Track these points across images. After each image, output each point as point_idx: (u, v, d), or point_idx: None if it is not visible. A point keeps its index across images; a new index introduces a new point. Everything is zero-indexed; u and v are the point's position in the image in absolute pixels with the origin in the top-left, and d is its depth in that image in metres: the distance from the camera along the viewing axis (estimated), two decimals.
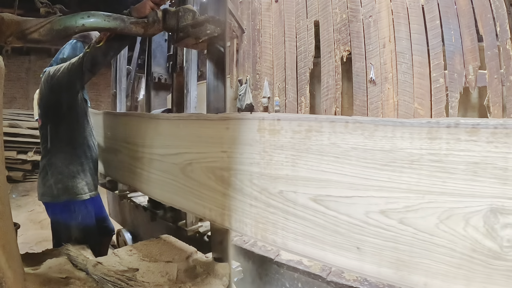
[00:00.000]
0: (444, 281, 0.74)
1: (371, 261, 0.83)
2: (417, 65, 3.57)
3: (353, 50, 4.06)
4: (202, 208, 1.26)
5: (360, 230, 0.83)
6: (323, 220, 0.88)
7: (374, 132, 0.79)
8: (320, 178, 0.87)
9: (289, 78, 4.73)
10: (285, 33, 4.77)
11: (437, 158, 0.72)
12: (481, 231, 0.69)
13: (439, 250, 0.74)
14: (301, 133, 0.91)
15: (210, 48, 1.40)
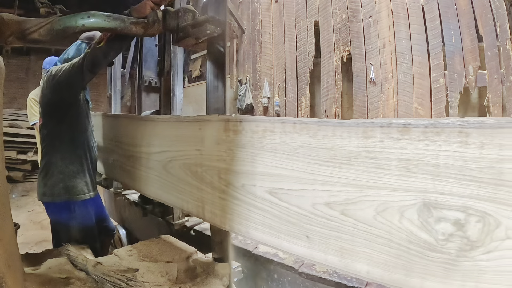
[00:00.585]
0: (385, 270, 0.78)
1: (319, 249, 0.90)
2: (417, 65, 3.57)
3: (353, 50, 4.05)
4: (181, 201, 1.38)
5: (309, 220, 0.90)
6: (277, 211, 0.97)
7: (317, 132, 0.87)
8: (274, 173, 0.97)
9: (289, 78, 4.73)
10: (285, 33, 4.77)
11: (372, 155, 0.78)
12: (416, 224, 0.74)
13: (378, 240, 0.79)
14: (259, 133, 1.01)
15: (210, 48, 1.40)
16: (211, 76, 1.39)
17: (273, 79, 4.98)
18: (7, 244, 0.89)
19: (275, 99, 4.92)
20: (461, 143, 0.67)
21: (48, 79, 1.76)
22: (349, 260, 0.85)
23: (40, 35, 1.20)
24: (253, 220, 1.05)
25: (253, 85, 5.26)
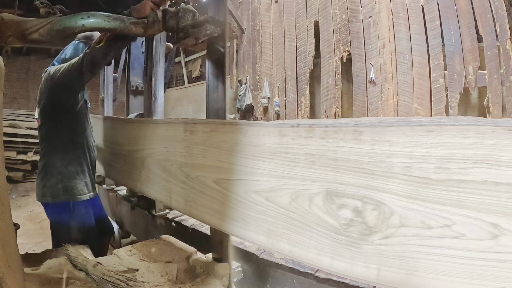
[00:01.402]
0: (302, 249, 0.92)
1: (252, 230, 1.06)
2: (417, 65, 3.57)
3: (353, 50, 4.06)
4: (154, 192, 1.58)
5: (243, 205, 1.06)
6: (221, 198, 1.14)
7: (247, 131, 1.04)
8: (218, 165, 1.15)
9: (289, 78, 4.73)
10: (285, 34, 4.78)
11: (286, 150, 0.93)
12: (322, 209, 0.85)
13: (294, 223, 0.92)
14: (207, 133, 1.20)
15: (210, 49, 1.40)
16: (211, 76, 1.39)
17: (273, 79, 4.98)
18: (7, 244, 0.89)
19: (275, 99, 4.92)
20: (356, 140, 0.78)
21: (46, 80, 1.75)
22: (274, 240, 0.99)
23: (40, 35, 1.20)
24: (205, 206, 1.23)
25: (253, 85, 5.26)
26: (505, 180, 0.63)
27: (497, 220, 0.65)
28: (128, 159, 1.81)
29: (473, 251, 0.68)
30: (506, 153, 0.63)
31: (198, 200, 1.26)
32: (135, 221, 2.55)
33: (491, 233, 0.66)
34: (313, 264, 0.92)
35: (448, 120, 0.69)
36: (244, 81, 5.41)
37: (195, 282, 1.25)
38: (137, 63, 2.68)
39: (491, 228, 0.66)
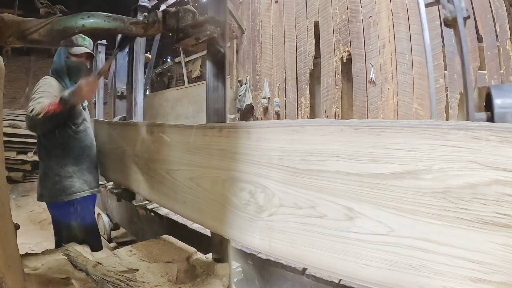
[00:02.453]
0: (221, 224, 1.16)
1: (190, 210, 1.33)
2: (417, 65, 3.57)
3: (353, 50, 4.06)
4: (126, 182, 1.90)
5: (184, 190, 1.33)
6: (170, 185, 1.42)
7: (185, 132, 1.33)
8: (168, 159, 1.43)
9: (289, 78, 4.73)
10: (285, 34, 4.78)
11: (207, 146, 1.20)
12: (230, 192, 1.08)
13: (214, 203, 1.17)
14: (161, 133, 1.49)
15: (210, 49, 1.40)
16: (211, 76, 1.39)
17: (273, 80, 4.98)
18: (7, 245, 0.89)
19: (275, 99, 4.92)
20: (247, 138, 1.02)
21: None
22: (204, 218, 1.26)
23: (40, 35, 1.20)
24: (162, 192, 1.51)
25: (253, 85, 5.26)
26: (354, 171, 0.78)
27: (351, 204, 0.79)
28: (112, 155, 2.09)
29: (335, 229, 0.83)
30: (353, 147, 0.79)
31: (156, 187, 1.55)
32: (121, 213, 2.81)
33: (347, 215, 0.80)
34: (231, 237, 1.15)
35: (308, 122, 0.86)
36: (244, 81, 5.42)
37: (195, 282, 1.25)
38: (122, 71, 2.98)
39: (346, 211, 0.80)
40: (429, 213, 0.71)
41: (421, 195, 0.72)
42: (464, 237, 0.69)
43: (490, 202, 0.66)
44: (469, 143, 0.67)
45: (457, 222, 0.69)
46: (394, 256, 0.76)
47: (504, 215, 0.65)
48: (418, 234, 0.73)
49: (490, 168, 0.66)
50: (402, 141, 0.74)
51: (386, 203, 0.76)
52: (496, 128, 0.66)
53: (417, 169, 0.72)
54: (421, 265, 0.73)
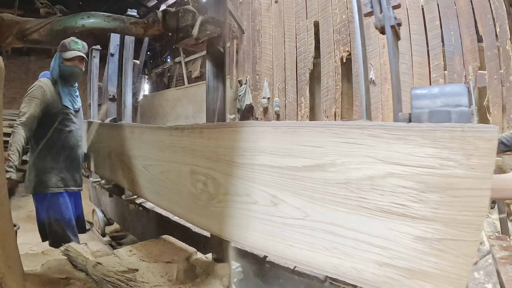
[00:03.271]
0: (185, 210, 1.33)
1: (162, 199, 1.54)
2: (417, 65, 3.57)
3: (353, 50, 4.06)
4: (114, 177, 2.12)
5: (157, 182, 1.52)
6: (147, 177, 1.62)
7: (156, 132, 1.56)
8: (146, 156, 1.62)
9: (289, 78, 4.73)
10: (285, 34, 4.78)
11: (173, 144, 1.37)
12: (189, 182, 1.25)
13: (180, 192, 1.33)
14: (140, 133, 1.72)
15: (209, 49, 1.40)
16: (210, 76, 1.39)
17: (273, 80, 4.98)
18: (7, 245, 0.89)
19: (275, 99, 4.92)
20: (201, 137, 1.20)
21: None
22: (172, 206, 1.45)
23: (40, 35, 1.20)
24: (142, 185, 1.70)
25: (253, 85, 5.27)
26: (276, 164, 0.92)
27: (275, 192, 0.93)
28: (101, 153, 2.31)
29: (265, 214, 0.96)
30: (275, 144, 0.94)
31: (136, 181, 1.74)
32: (113, 208, 2.99)
33: (272, 202, 0.93)
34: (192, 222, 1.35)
35: (243, 123, 1.03)
36: (244, 81, 5.41)
37: (195, 282, 1.25)
38: (113, 75, 3.17)
39: (272, 198, 0.94)
40: (335, 201, 0.81)
41: (327, 185, 0.82)
42: (366, 224, 0.77)
43: (386, 193, 0.74)
44: (366, 140, 0.76)
45: (359, 210, 0.77)
46: (311, 238, 0.87)
47: (400, 205, 0.72)
48: (328, 219, 0.83)
49: (384, 162, 0.74)
50: (312, 139, 0.85)
51: (301, 191, 0.88)
52: (389, 126, 0.74)
53: (324, 162, 0.83)
54: (333, 247, 0.83)
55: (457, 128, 0.68)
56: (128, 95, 2.57)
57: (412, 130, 0.72)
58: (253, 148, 0.99)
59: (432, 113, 0.91)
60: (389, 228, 0.74)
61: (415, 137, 0.71)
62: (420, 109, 0.94)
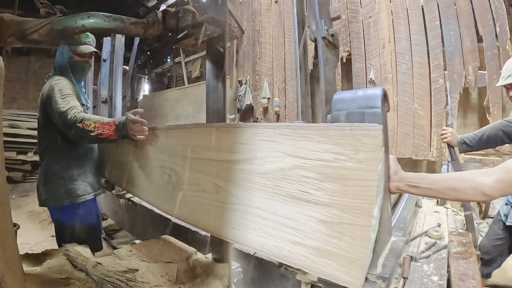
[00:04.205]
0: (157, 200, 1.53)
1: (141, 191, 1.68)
2: (417, 65, 3.57)
3: (353, 50, 4.06)
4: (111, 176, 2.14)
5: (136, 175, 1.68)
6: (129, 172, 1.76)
7: None
8: (127, 153, 1.74)
9: (289, 79, 4.73)
10: (285, 34, 4.77)
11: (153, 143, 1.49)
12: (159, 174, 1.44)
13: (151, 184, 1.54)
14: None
15: (209, 49, 1.40)
16: (210, 76, 1.39)
17: (273, 80, 4.98)
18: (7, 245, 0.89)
19: (275, 99, 4.92)
20: (166, 137, 1.39)
21: (41, 99, 1.75)
22: (148, 196, 1.61)
23: (40, 35, 1.20)
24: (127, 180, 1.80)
25: (253, 85, 5.26)
26: (218, 158, 1.11)
27: (218, 181, 1.12)
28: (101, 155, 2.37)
29: (210, 200, 1.14)
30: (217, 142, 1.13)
31: (121, 175, 1.86)
32: (107, 204, 3.13)
33: (216, 189, 1.12)
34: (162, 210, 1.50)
35: (194, 125, 1.26)
36: (244, 82, 5.41)
37: (195, 282, 1.25)
38: (106, 80, 3.38)
39: (215, 186, 1.13)
40: (258, 189, 0.98)
41: (253, 175, 0.99)
42: (281, 208, 0.92)
43: (294, 182, 0.88)
44: (277, 137, 0.93)
45: (275, 196, 0.93)
46: (244, 220, 1.02)
47: (305, 192, 0.86)
48: (255, 204, 0.99)
49: (292, 156, 0.89)
50: (242, 137, 1.04)
51: (236, 181, 1.05)
52: (294, 126, 0.91)
53: (250, 157, 1.00)
54: (259, 227, 0.98)
55: (346, 127, 0.80)
56: (118, 98, 2.85)
57: (311, 129, 0.87)
58: (201, 145, 1.19)
59: (349, 114, 0.98)
60: (299, 212, 0.87)
61: (314, 135, 0.85)
62: (338, 111, 1.01)
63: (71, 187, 1.79)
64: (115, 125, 1.50)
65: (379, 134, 0.73)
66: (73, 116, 1.56)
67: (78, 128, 1.53)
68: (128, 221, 2.75)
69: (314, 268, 0.86)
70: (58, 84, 1.69)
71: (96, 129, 1.52)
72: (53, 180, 1.78)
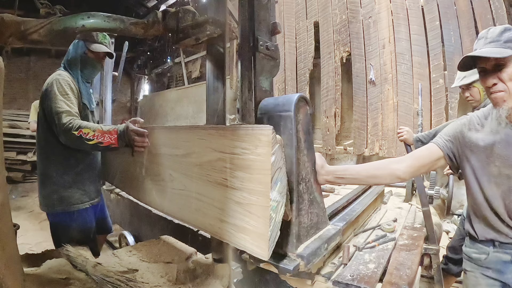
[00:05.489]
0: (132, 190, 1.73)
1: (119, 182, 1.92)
2: (417, 66, 3.57)
3: (353, 51, 4.06)
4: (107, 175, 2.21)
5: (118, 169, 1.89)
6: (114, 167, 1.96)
7: None
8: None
9: (289, 79, 4.73)
10: (284, 34, 4.78)
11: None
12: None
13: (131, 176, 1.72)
14: None
15: (210, 49, 1.40)
16: (211, 76, 1.39)
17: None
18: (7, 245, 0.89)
19: None
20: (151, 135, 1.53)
21: (42, 96, 1.67)
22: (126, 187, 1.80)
23: (40, 35, 1.20)
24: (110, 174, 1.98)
25: None
26: (170, 153, 1.37)
27: (171, 172, 1.35)
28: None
29: (169, 188, 1.39)
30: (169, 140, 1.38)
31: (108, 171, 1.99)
32: None
33: (170, 179, 1.36)
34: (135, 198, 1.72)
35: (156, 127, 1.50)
36: None
37: (194, 282, 1.25)
38: (98, 85, 3.51)
39: (170, 176, 1.36)
40: (196, 177, 1.21)
41: (193, 166, 1.23)
42: (212, 192, 1.14)
43: (218, 170, 1.11)
44: (207, 136, 1.17)
45: (207, 183, 1.16)
46: (189, 203, 1.26)
47: (225, 179, 1.08)
48: (195, 189, 1.23)
49: (216, 151, 1.12)
50: (184, 136, 1.30)
51: (182, 171, 1.29)
52: (217, 127, 1.19)
53: (190, 152, 1.25)
54: (199, 209, 1.21)
55: (249, 128, 1.01)
56: (108, 102, 3.07)
57: (228, 129, 1.10)
58: (159, 142, 1.45)
59: (269, 117, 1.16)
60: (223, 195, 1.09)
61: (229, 135, 1.07)
62: (262, 115, 1.20)
63: (65, 194, 1.70)
64: (116, 133, 1.48)
65: (270, 133, 0.93)
66: (69, 122, 1.52)
67: (73, 135, 1.49)
68: (118, 215, 2.95)
69: (236, 242, 1.06)
70: (59, 80, 1.63)
71: (96, 137, 1.49)
72: (47, 184, 1.70)
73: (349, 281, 1.23)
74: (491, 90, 1.13)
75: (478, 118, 1.26)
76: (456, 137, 1.28)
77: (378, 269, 1.36)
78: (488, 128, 1.21)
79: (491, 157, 1.18)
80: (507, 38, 1.10)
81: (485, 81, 1.14)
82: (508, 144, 1.14)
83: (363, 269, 1.36)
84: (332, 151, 4.34)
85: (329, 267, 1.40)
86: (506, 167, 1.15)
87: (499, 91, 1.11)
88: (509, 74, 1.08)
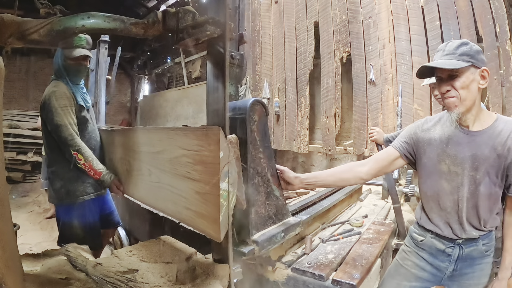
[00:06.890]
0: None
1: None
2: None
3: (353, 51, 4.06)
4: None
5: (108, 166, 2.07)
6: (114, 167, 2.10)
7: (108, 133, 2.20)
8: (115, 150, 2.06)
9: (289, 79, 4.73)
10: (284, 34, 4.78)
11: (113, 141, 2.04)
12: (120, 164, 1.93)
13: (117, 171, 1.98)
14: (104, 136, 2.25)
15: (210, 49, 1.40)
16: (211, 77, 1.39)
17: (273, 80, 4.98)
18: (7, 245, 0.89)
19: (274, 100, 4.92)
20: (123, 136, 1.86)
21: (41, 107, 1.83)
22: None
23: (40, 35, 1.20)
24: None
25: (253, 86, 5.26)
26: (148, 150, 1.59)
27: (149, 167, 1.58)
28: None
29: (147, 181, 1.61)
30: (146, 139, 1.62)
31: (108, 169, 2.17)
32: None
33: (149, 173, 1.58)
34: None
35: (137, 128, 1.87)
36: (244, 82, 5.41)
37: (194, 283, 1.25)
38: (92, 87, 3.60)
39: (148, 171, 1.58)
40: (168, 171, 1.40)
41: (165, 162, 1.41)
42: (179, 184, 1.32)
43: (183, 165, 1.28)
44: (174, 136, 1.36)
45: (175, 176, 1.34)
46: (162, 194, 1.47)
47: (188, 172, 1.25)
48: (167, 182, 1.41)
49: (181, 148, 1.29)
50: (159, 136, 1.50)
51: (157, 166, 1.49)
52: (183, 129, 1.35)
53: (162, 149, 1.44)
54: (170, 199, 1.41)
55: (204, 129, 1.20)
56: (102, 103, 3.24)
57: (189, 130, 1.28)
58: (139, 141, 1.65)
59: (230, 119, 1.26)
60: (187, 186, 1.26)
61: (190, 134, 1.26)
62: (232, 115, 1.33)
63: (71, 188, 1.86)
64: (99, 177, 1.83)
65: (219, 133, 1.10)
66: (70, 138, 1.78)
67: (69, 151, 1.79)
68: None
69: (197, 227, 1.24)
70: (55, 93, 1.79)
71: (84, 166, 1.80)
72: (56, 179, 1.87)
73: (305, 268, 1.41)
74: (445, 96, 1.26)
75: (431, 121, 1.42)
76: (411, 138, 1.43)
77: (336, 259, 1.51)
78: (440, 129, 1.36)
79: (441, 156, 1.32)
80: (462, 51, 1.22)
81: (440, 88, 1.28)
82: (457, 144, 1.29)
83: (322, 258, 1.52)
84: (332, 151, 4.34)
85: (291, 256, 1.57)
86: (455, 165, 1.28)
87: (452, 97, 1.24)
88: (461, 83, 1.21)
